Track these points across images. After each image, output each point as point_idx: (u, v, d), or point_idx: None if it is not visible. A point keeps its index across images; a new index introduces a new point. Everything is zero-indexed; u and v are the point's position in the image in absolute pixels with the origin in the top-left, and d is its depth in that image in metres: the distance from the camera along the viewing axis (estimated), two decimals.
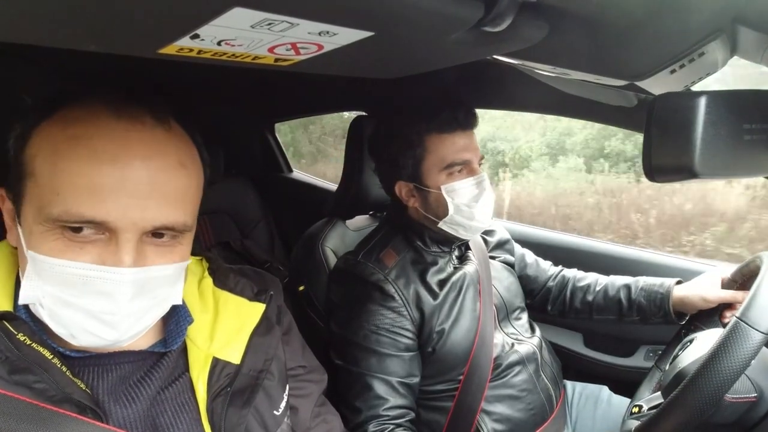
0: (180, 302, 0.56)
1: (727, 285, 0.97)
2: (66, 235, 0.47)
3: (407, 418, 0.96)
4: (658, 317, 1.06)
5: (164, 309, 0.54)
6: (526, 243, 1.33)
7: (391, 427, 0.93)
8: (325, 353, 1.01)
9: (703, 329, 0.93)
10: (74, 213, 0.46)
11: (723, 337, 0.65)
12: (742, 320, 0.65)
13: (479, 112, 1.05)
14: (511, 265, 1.23)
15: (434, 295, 1.01)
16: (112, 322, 0.48)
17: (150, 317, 0.52)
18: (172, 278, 0.53)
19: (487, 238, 1.22)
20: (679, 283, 1.05)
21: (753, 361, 0.63)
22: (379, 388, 0.94)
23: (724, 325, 0.91)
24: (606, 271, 1.22)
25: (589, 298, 1.17)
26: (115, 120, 0.48)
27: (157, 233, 0.50)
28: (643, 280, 1.11)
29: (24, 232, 0.49)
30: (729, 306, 0.94)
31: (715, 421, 0.70)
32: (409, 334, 0.99)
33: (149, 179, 0.48)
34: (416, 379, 0.99)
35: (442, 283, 1.03)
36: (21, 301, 0.48)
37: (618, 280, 1.15)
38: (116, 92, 0.51)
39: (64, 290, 0.47)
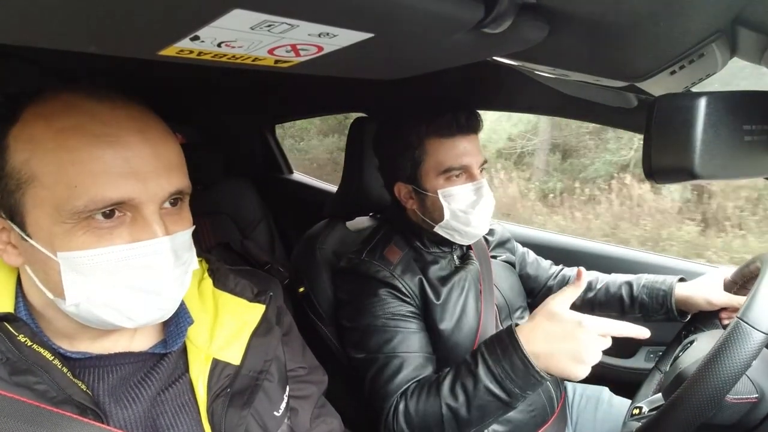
0: (196, 266, 0.57)
1: (728, 286, 0.97)
2: (92, 226, 0.47)
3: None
4: (660, 314, 1.06)
5: (190, 275, 0.56)
6: (525, 244, 1.33)
7: (413, 385, 0.90)
8: (325, 354, 1.01)
9: (704, 330, 0.94)
10: (100, 199, 0.46)
11: (724, 338, 0.65)
12: (742, 320, 0.65)
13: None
14: (512, 264, 1.22)
15: (437, 295, 1.01)
16: (163, 292, 0.51)
17: (186, 282, 0.55)
18: (189, 243, 0.55)
19: (488, 237, 1.22)
20: (681, 280, 1.05)
21: (754, 362, 0.63)
22: (407, 366, 0.92)
23: (724, 327, 0.91)
24: (606, 272, 1.22)
25: (590, 295, 1.17)
26: (98, 105, 0.49)
27: (169, 201, 0.52)
28: (645, 278, 1.11)
29: (41, 241, 0.48)
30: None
31: (716, 422, 0.70)
32: (420, 320, 0.99)
33: (152, 151, 0.50)
34: (434, 356, 0.98)
35: (443, 282, 1.03)
36: (69, 303, 0.48)
37: (619, 278, 1.15)
38: (80, 82, 0.51)
39: (111, 276, 0.48)
